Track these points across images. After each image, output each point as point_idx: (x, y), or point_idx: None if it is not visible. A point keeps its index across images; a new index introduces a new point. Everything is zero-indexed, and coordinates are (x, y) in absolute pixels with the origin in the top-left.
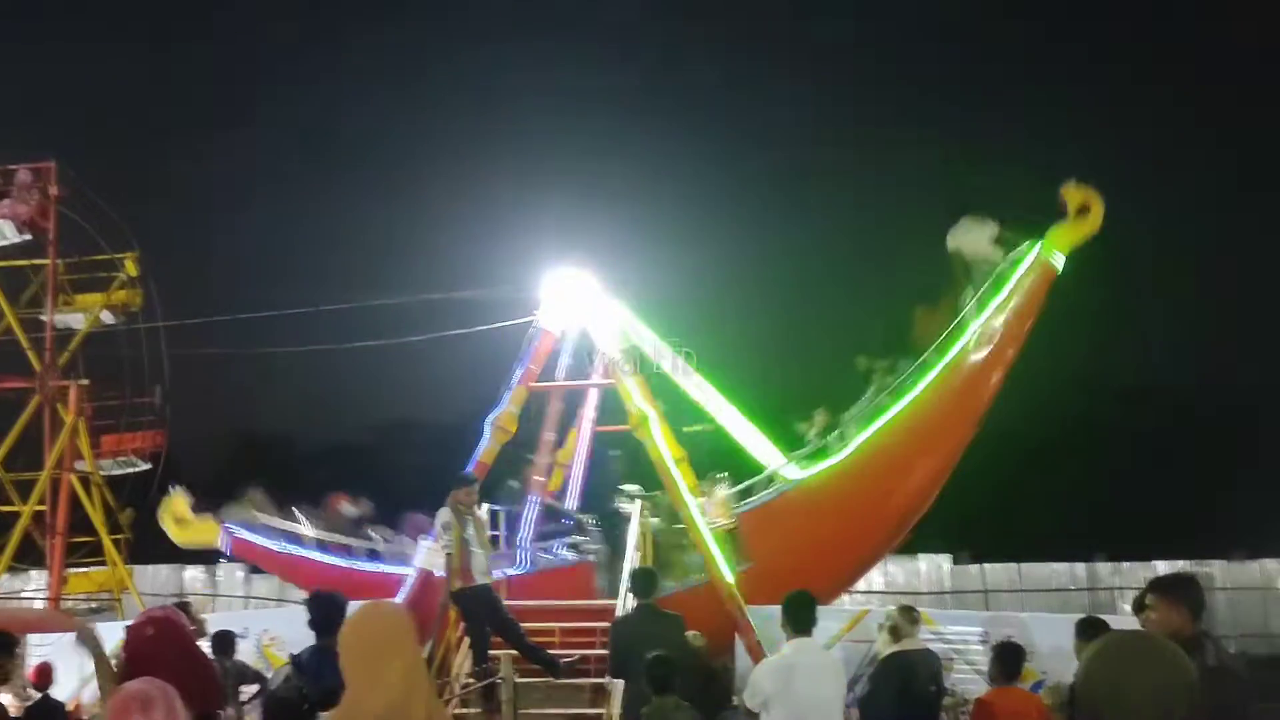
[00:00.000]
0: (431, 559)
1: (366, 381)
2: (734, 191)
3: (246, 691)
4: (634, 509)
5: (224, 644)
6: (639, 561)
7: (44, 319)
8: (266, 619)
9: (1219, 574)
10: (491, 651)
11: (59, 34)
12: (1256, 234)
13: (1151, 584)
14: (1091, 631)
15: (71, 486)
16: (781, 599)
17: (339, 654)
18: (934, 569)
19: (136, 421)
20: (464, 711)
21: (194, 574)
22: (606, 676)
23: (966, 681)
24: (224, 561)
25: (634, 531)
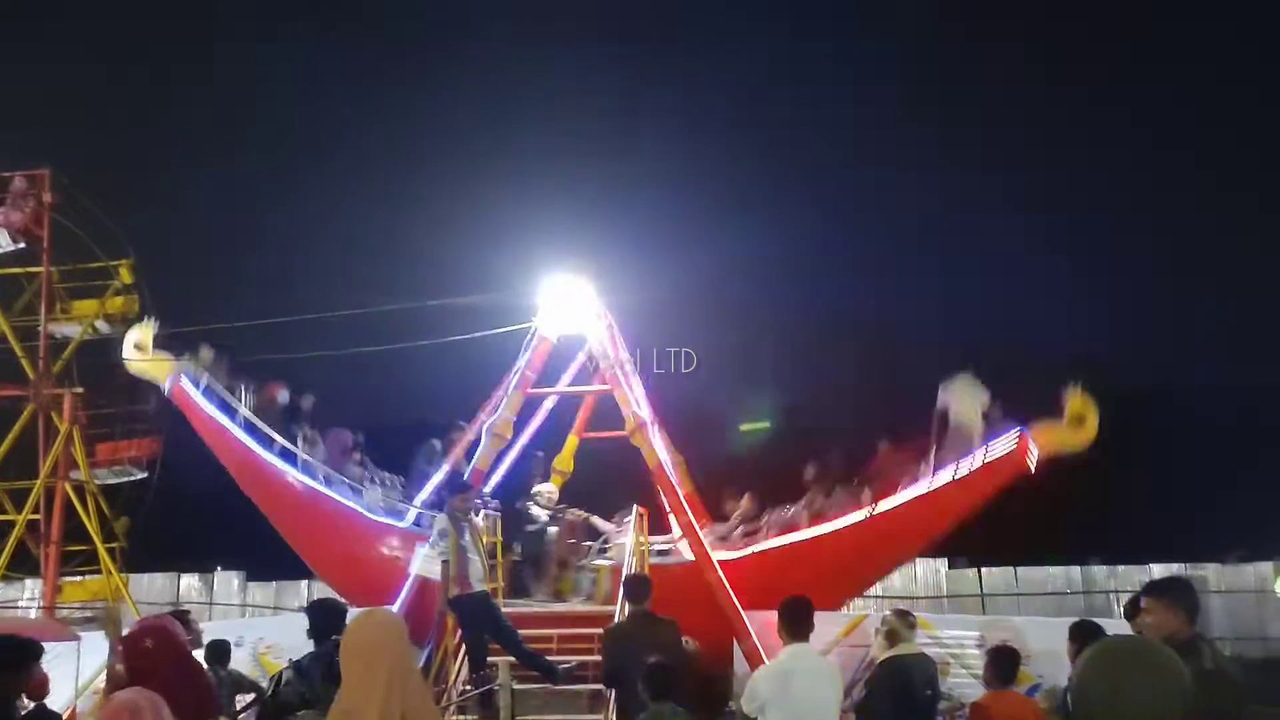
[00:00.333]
0: (428, 566)
1: (363, 386)
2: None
3: (242, 701)
4: (540, 513)
5: (218, 653)
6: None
7: (38, 327)
8: (263, 627)
9: (1214, 577)
10: (489, 658)
11: (52, 39)
12: (1255, 234)
13: (1146, 587)
14: (1084, 635)
15: (66, 495)
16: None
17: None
18: (930, 573)
19: (132, 429)
20: (462, 718)
21: (189, 582)
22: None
23: (963, 686)
24: (219, 569)
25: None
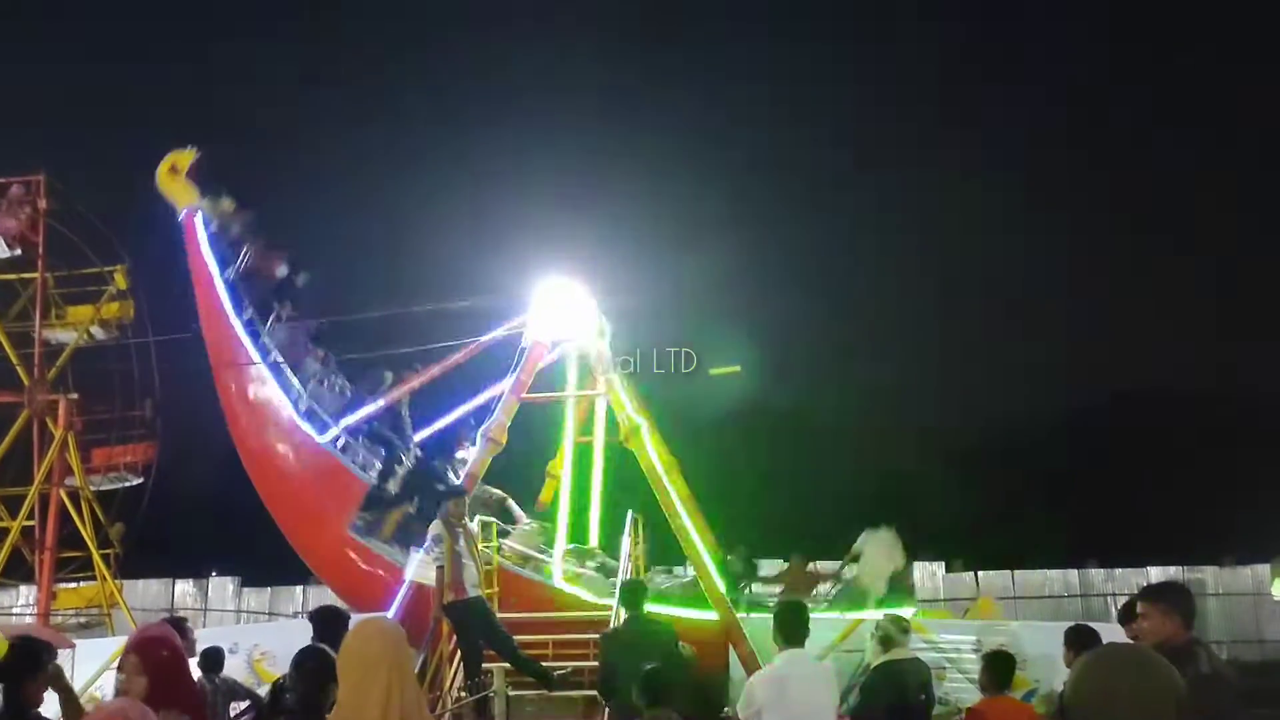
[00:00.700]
0: (423, 571)
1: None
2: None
3: (236, 708)
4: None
5: (212, 661)
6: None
7: (33, 333)
8: (258, 633)
9: (1211, 580)
10: (484, 665)
11: (46, 44)
12: (1250, 237)
13: (1143, 592)
14: (1080, 640)
15: (61, 501)
16: None
17: (337, 666)
18: (927, 577)
19: (127, 435)
20: None
21: (184, 588)
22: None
23: (960, 690)
24: (214, 575)
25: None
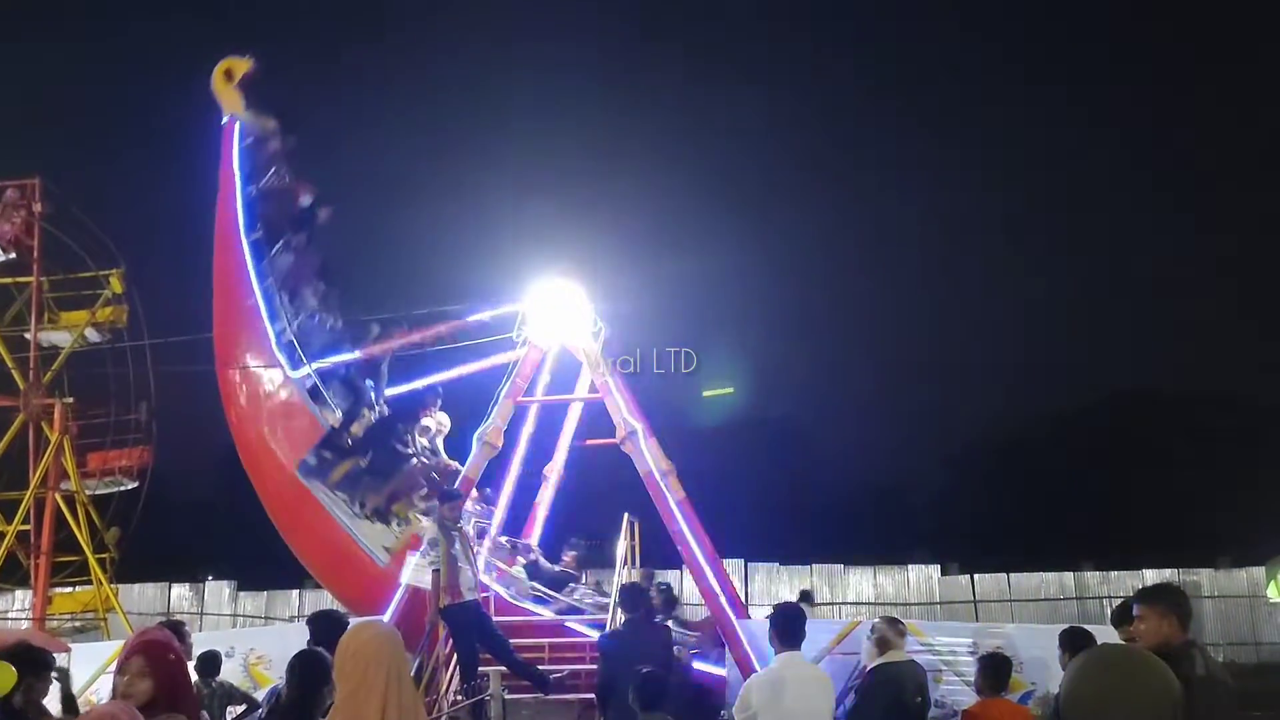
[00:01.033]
0: (419, 575)
1: None
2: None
3: (233, 712)
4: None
5: (209, 665)
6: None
7: (28, 337)
8: (254, 637)
9: (1207, 582)
10: (480, 668)
11: (41, 48)
12: (1250, 238)
13: (1139, 594)
14: (1075, 642)
15: (56, 505)
16: None
17: (334, 669)
18: (923, 580)
19: (123, 439)
20: None
21: (180, 592)
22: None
23: (956, 693)
24: (210, 579)
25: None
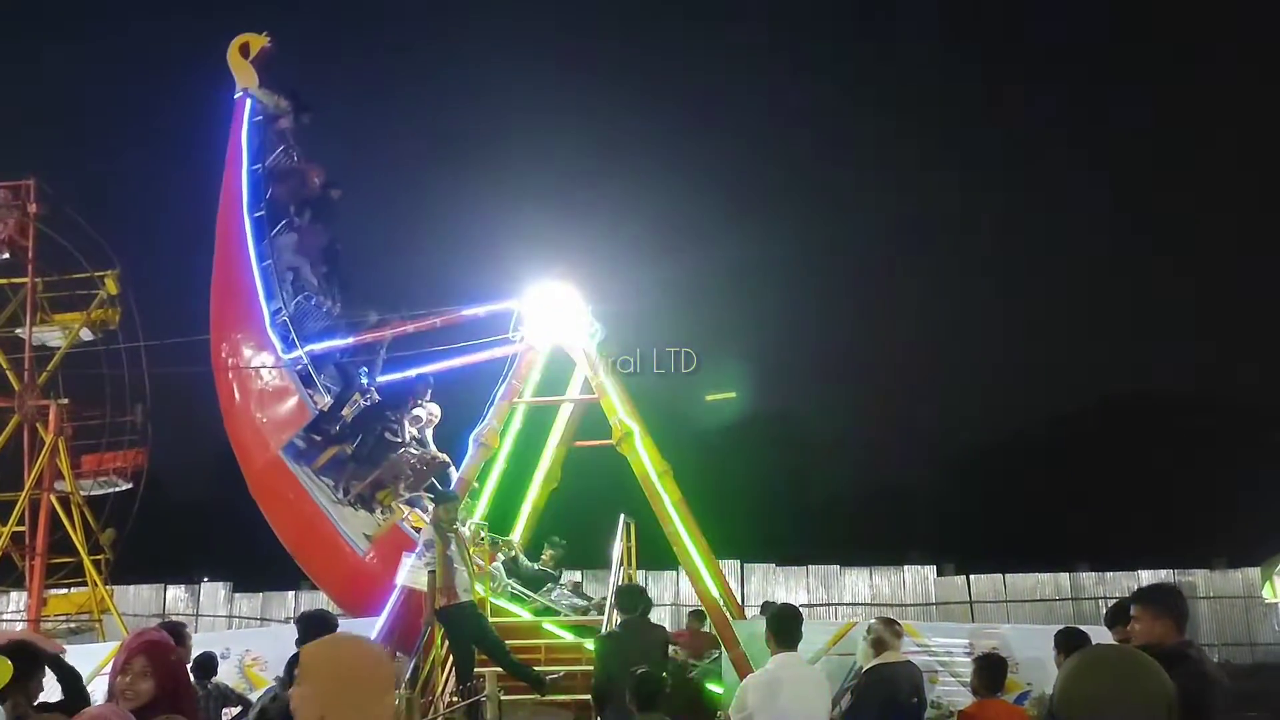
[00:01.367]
0: (415, 576)
1: None
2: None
3: (228, 714)
4: (409, 430)
5: (205, 666)
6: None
7: (23, 337)
8: (249, 638)
9: (1202, 583)
10: (476, 669)
11: (37, 48)
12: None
13: (1135, 595)
14: (1070, 643)
15: (51, 507)
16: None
17: (313, 683)
18: (919, 580)
19: (117, 441)
20: None
21: (176, 593)
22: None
23: (952, 693)
24: (206, 580)
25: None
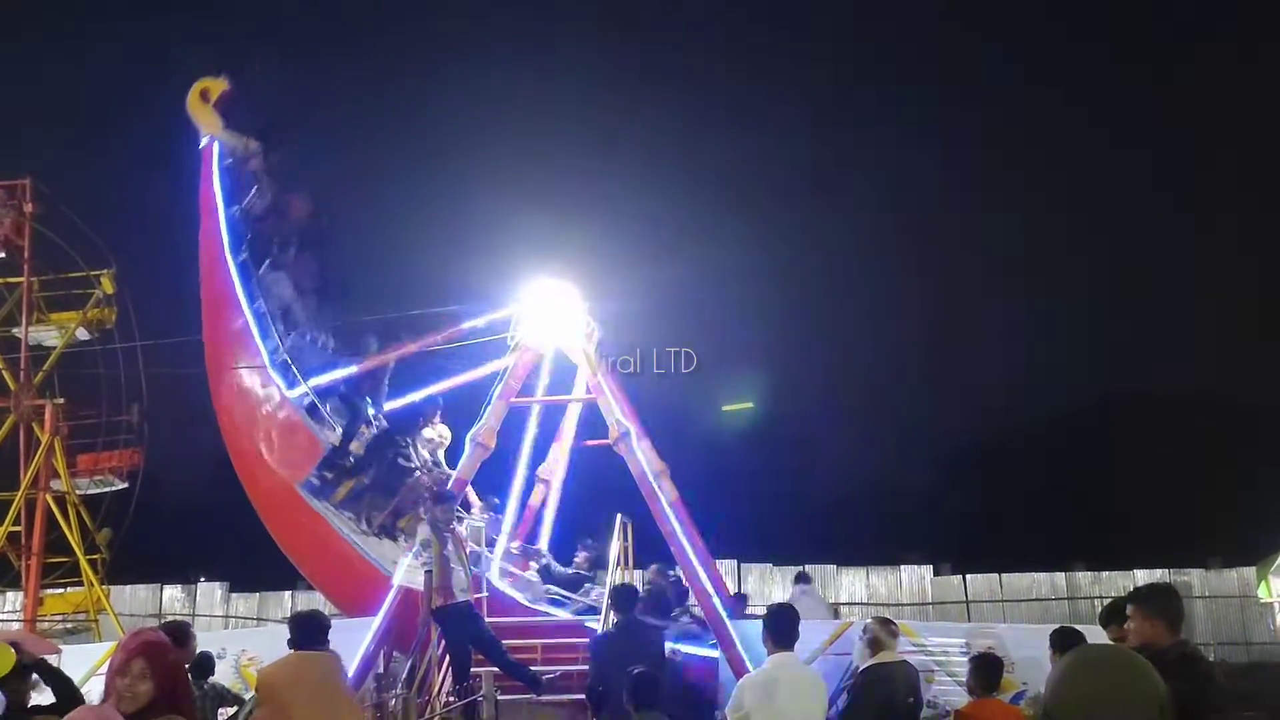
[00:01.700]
0: (412, 576)
1: None
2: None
3: (224, 714)
4: (422, 454)
5: (202, 667)
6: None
7: (19, 337)
8: (245, 638)
9: (1197, 582)
10: (473, 669)
11: (33, 48)
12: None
13: (1130, 595)
14: (1065, 642)
15: (47, 506)
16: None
17: (271, 704)
18: (915, 580)
19: (114, 440)
20: None
21: (172, 594)
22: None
23: (949, 693)
24: (202, 580)
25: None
